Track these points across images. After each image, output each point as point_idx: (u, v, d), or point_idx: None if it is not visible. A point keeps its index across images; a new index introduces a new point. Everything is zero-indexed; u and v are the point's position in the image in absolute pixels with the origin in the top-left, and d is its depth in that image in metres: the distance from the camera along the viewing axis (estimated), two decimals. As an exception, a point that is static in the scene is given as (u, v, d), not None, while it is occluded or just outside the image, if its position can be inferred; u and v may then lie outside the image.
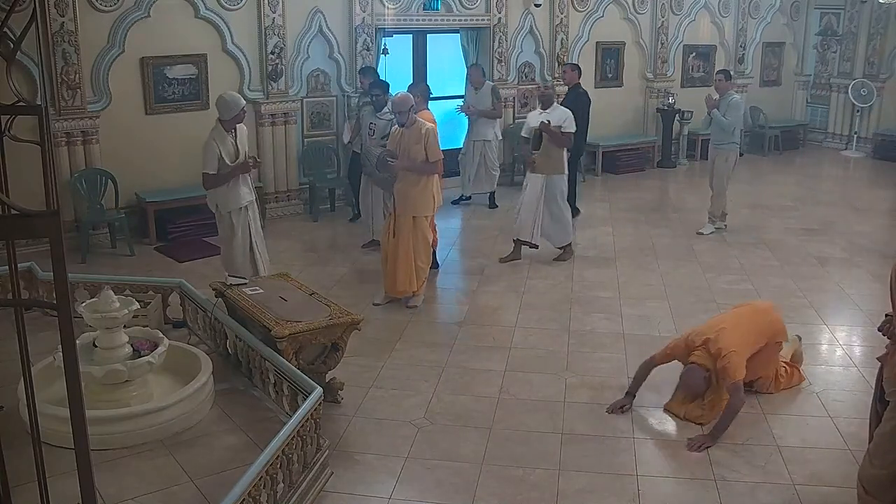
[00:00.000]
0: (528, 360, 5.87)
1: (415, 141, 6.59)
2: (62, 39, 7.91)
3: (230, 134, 6.33)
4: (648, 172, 12.54)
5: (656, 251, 8.53)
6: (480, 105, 9.99)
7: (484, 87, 10.03)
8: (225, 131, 6.30)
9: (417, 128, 6.62)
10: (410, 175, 6.63)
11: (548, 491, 4.27)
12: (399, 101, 6.64)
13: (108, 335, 4.70)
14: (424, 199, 6.70)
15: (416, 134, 6.59)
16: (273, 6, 9.13)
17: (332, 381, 5.11)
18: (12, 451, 2.81)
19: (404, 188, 6.68)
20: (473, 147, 10.09)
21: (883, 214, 10.44)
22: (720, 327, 4.95)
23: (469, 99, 10.16)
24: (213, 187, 6.32)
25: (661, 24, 12.63)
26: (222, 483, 3.95)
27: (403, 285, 6.77)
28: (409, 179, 6.65)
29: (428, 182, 6.69)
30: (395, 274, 6.74)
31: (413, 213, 6.69)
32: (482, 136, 10.04)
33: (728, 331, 4.90)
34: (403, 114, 6.59)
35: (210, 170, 6.23)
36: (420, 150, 6.57)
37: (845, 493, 4.29)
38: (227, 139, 6.30)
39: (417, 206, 6.68)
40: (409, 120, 6.62)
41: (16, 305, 2.66)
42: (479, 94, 10.02)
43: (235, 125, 6.36)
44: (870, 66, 13.79)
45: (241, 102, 6.42)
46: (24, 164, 4.05)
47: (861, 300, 7.15)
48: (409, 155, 6.61)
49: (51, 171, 2.52)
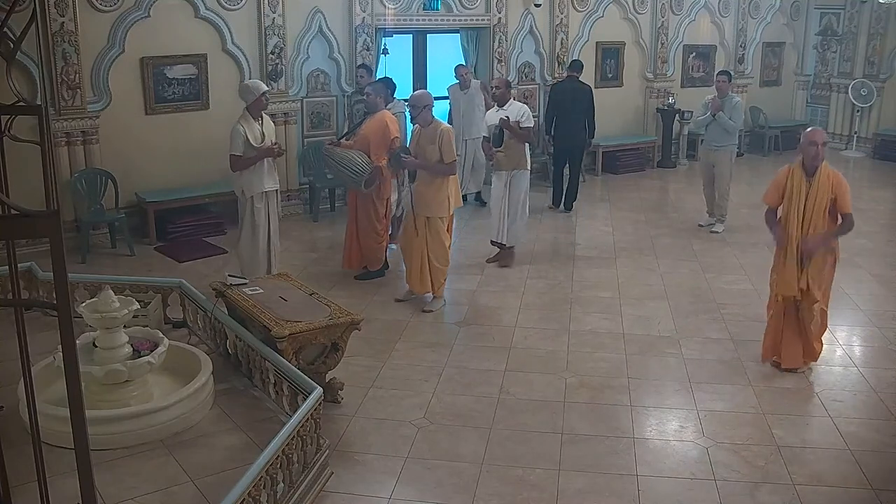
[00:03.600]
0: (528, 360, 5.87)
1: (429, 141, 6.57)
2: (62, 39, 7.91)
3: (257, 121, 6.70)
4: (648, 172, 12.55)
5: (656, 251, 8.53)
6: (471, 104, 9.98)
7: (472, 87, 10.05)
8: (252, 117, 6.67)
9: (433, 127, 6.61)
10: (425, 175, 6.63)
11: (548, 491, 4.27)
12: (415, 98, 6.64)
13: (108, 335, 4.70)
14: (439, 201, 6.65)
15: (432, 134, 6.58)
16: (273, 6, 9.14)
17: (332, 381, 5.11)
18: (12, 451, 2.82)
19: (419, 188, 6.67)
20: (466, 146, 10.11)
21: (883, 214, 10.43)
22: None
23: (456, 102, 10.17)
24: (239, 169, 6.65)
25: (661, 24, 12.63)
26: (222, 483, 3.96)
27: (415, 284, 6.79)
28: (424, 180, 6.65)
29: (443, 183, 6.63)
30: (409, 271, 6.80)
31: (427, 214, 6.66)
32: (473, 134, 10.06)
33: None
34: (416, 108, 6.56)
35: (236, 151, 6.58)
36: (434, 150, 6.55)
37: (845, 493, 4.30)
38: (253, 124, 6.66)
39: (432, 207, 6.65)
40: (425, 119, 6.60)
41: (16, 305, 2.66)
42: (468, 93, 10.02)
43: (262, 112, 6.74)
44: (870, 66, 13.79)
45: (262, 87, 6.72)
46: (24, 164, 4.05)
47: (861, 300, 7.15)
48: (424, 154, 6.60)
49: (51, 171, 2.52)
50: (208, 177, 8.90)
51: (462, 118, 10.09)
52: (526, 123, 7.77)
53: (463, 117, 10.08)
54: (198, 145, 8.91)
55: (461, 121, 10.10)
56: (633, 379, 5.58)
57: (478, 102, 10.04)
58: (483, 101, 10.13)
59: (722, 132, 9.07)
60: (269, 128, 6.83)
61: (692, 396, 5.33)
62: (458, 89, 10.11)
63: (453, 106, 10.31)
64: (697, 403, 5.23)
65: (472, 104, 10.05)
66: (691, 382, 5.52)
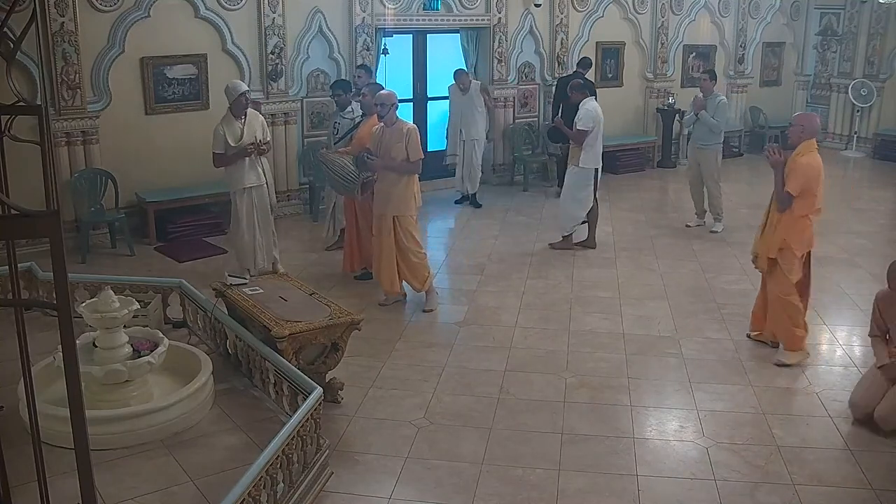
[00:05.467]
0: (528, 360, 5.87)
1: (396, 140, 6.56)
2: (62, 39, 7.91)
3: (239, 120, 6.94)
4: (648, 172, 12.55)
5: (656, 251, 8.53)
6: (470, 105, 10.04)
7: (472, 89, 10.07)
8: (233, 116, 6.94)
9: (399, 127, 6.61)
10: (391, 175, 6.60)
11: (548, 491, 4.27)
12: (384, 96, 6.64)
13: (108, 335, 4.70)
14: (406, 199, 6.66)
15: (398, 133, 6.57)
16: (273, 6, 9.14)
17: (332, 381, 5.11)
18: (12, 451, 2.82)
19: (385, 188, 6.63)
20: (464, 147, 10.12)
21: (883, 214, 10.43)
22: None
23: (455, 103, 10.22)
24: (220, 166, 7.07)
25: (661, 24, 12.63)
26: (222, 483, 3.96)
27: (387, 285, 6.79)
28: (389, 179, 6.62)
29: (409, 182, 6.66)
30: (380, 273, 6.79)
31: (395, 213, 6.65)
32: (472, 136, 10.09)
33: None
34: (384, 106, 6.56)
35: (216, 149, 6.94)
36: (401, 149, 6.54)
37: (845, 492, 4.30)
38: (233, 124, 6.93)
39: (399, 206, 6.65)
40: (391, 118, 6.61)
41: (16, 305, 2.66)
42: (468, 95, 10.05)
43: (244, 111, 6.96)
44: (870, 66, 13.78)
45: (240, 88, 7.00)
46: (24, 164, 4.05)
47: (861, 300, 7.14)
48: (389, 154, 6.59)
49: (51, 171, 2.52)
50: (208, 177, 8.87)
51: (460, 119, 10.14)
52: (580, 126, 8.08)
53: (461, 118, 10.13)
54: (198, 145, 8.87)
55: (459, 122, 10.13)
56: (633, 379, 5.58)
57: (477, 104, 10.13)
58: (483, 104, 10.17)
59: (707, 131, 9.10)
60: (252, 126, 6.98)
61: (692, 396, 5.33)
62: (458, 90, 10.13)
63: (452, 106, 10.34)
64: (697, 403, 5.23)
65: (471, 106, 10.09)
66: (691, 382, 5.52)
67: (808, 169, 5.65)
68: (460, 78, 10.10)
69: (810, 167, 5.67)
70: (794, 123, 5.88)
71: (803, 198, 5.66)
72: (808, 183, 5.64)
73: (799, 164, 5.67)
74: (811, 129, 5.85)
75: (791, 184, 5.63)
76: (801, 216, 5.70)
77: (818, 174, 5.72)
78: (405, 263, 6.73)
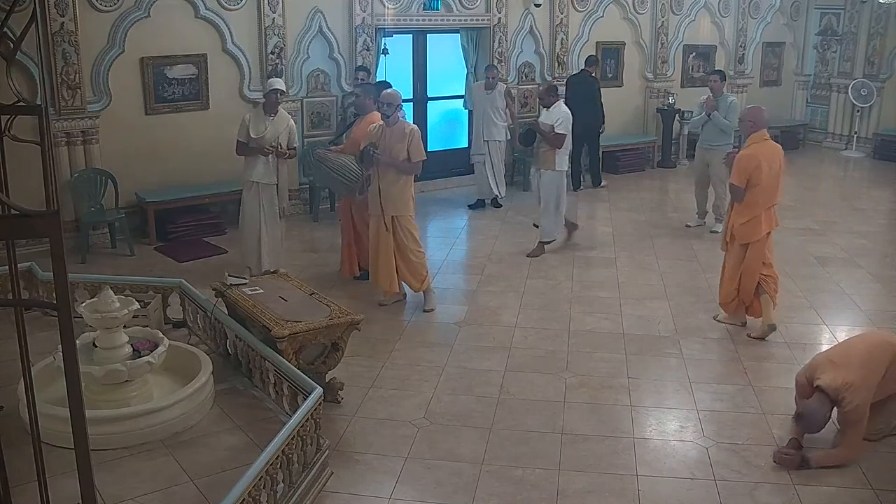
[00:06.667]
0: (528, 360, 5.87)
1: (397, 140, 6.56)
2: (62, 39, 7.91)
3: (268, 116, 7.09)
4: (648, 172, 12.54)
5: (656, 251, 8.53)
6: (493, 105, 10.03)
7: (497, 89, 10.07)
8: (264, 111, 7.12)
9: (401, 127, 6.61)
10: (390, 174, 6.59)
11: (548, 491, 4.27)
12: (390, 96, 6.64)
13: (108, 335, 4.70)
14: (405, 199, 6.67)
15: (400, 133, 6.57)
16: (273, 6, 9.13)
17: (332, 381, 5.11)
18: (12, 451, 2.81)
19: (384, 187, 6.62)
20: (489, 148, 10.09)
21: (883, 214, 10.43)
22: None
23: (477, 99, 10.21)
24: (239, 154, 7.19)
25: (661, 24, 12.62)
26: (222, 483, 3.96)
27: (385, 285, 6.78)
28: (388, 179, 6.60)
29: (407, 182, 6.68)
30: (377, 274, 6.79)
31: (393, 213, 6.65)
32: (494, 136, 10.08)
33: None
34: (391, 106, 6.56)
35: (238, 137, 7.11)
36: (402, 149, 6.54)
37: (845, 493, 4.30)
38: (261, 117, 7.10)
39: (398, 206, 6.65)
40: (395, 118, 6.61)
41: (16, 305, 2.66)
42: (491, 95, 10.04)
43: (275, 109, 7.10)
44: (870, 66, 13.78)
45: (273, 85, 7.19)
46: (24, 164, 4.05)
47: (861, 300, 7.15)
48: (390, 153, 6.60)
49: (51, 171, 2.52)
50: (208, 177, 8.91)
51: (482, 118, 10.10)
52: (559, 129, 7.94)
53: (483, 117, 10.10)
54: (198, 145, 8.91)
55: (481, 120, 10.11)
56: (633, 379, 5.58)
57: (499, 105, 10.08)
58: (505, 105, 10.13)
59: (717, 132, 9.09)
60: (277, 126, 7.08)
61: (692, 396, 5.33)
62: (483, 88, 10.12)
63: (476, 104, 10.31)
64: (697, 403, 5.23)
65: (494, 105, 10.05)
66: (691, 382, 5.52)
67: (745, 160, 6.02)
68: (489, 72, 10.11)
69: (748, 158, 6.02)
70: (743, 119, 6.31)
71: (752, 189, 6.02)
72: (747, 173, 5.99)
73: (739, 157, 6.10)
74: (759, 122, 6.17)
75: (733, 175, 6.08)
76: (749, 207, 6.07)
77: (757, 164, 6.02)
78: (404, 263, 6.73)
